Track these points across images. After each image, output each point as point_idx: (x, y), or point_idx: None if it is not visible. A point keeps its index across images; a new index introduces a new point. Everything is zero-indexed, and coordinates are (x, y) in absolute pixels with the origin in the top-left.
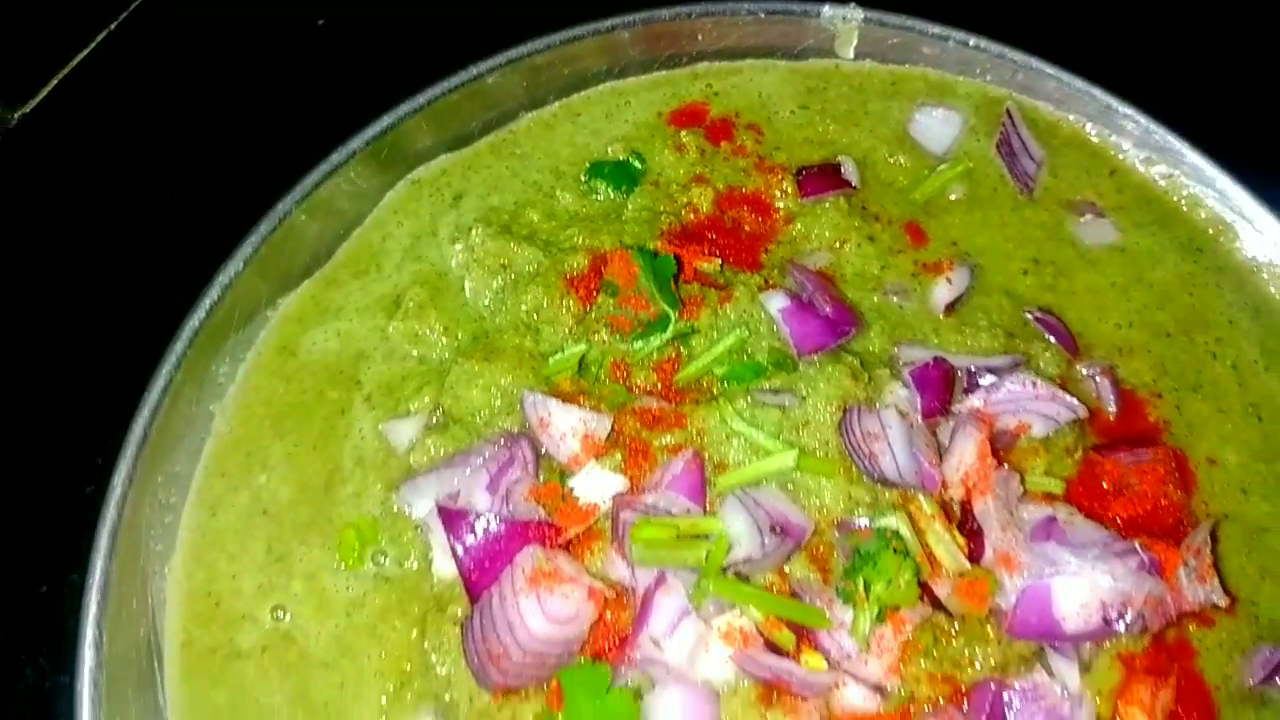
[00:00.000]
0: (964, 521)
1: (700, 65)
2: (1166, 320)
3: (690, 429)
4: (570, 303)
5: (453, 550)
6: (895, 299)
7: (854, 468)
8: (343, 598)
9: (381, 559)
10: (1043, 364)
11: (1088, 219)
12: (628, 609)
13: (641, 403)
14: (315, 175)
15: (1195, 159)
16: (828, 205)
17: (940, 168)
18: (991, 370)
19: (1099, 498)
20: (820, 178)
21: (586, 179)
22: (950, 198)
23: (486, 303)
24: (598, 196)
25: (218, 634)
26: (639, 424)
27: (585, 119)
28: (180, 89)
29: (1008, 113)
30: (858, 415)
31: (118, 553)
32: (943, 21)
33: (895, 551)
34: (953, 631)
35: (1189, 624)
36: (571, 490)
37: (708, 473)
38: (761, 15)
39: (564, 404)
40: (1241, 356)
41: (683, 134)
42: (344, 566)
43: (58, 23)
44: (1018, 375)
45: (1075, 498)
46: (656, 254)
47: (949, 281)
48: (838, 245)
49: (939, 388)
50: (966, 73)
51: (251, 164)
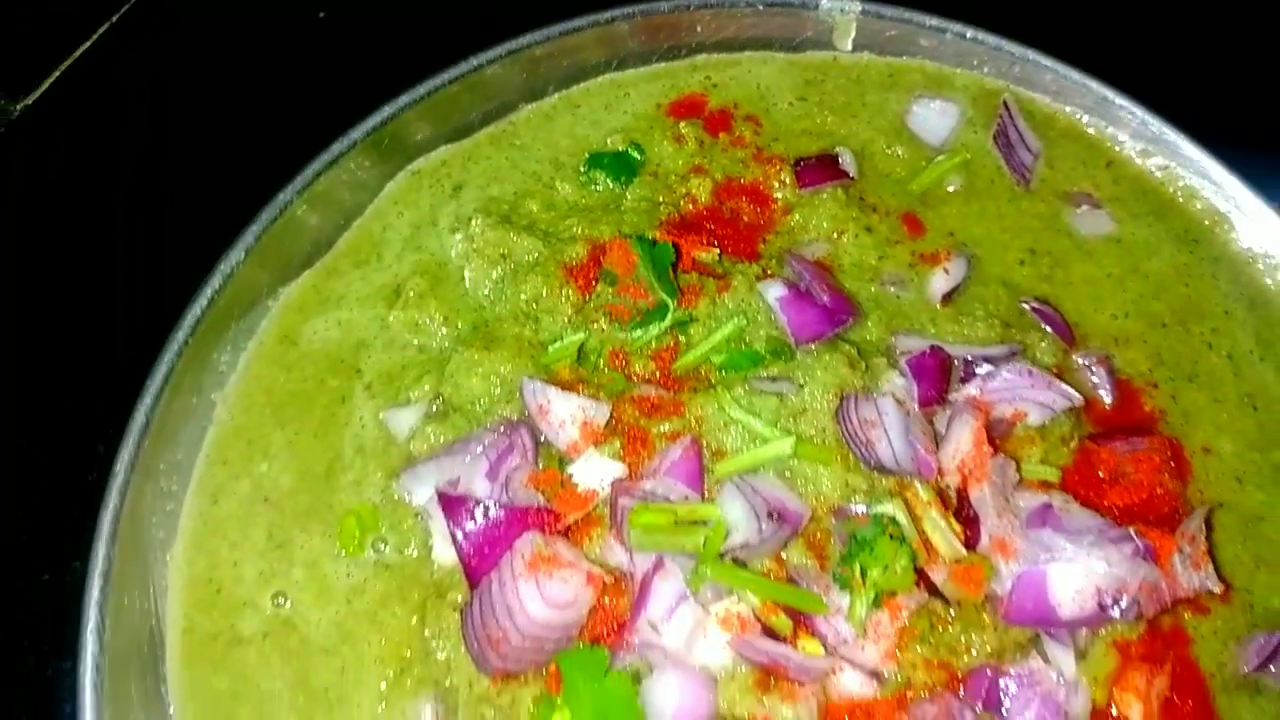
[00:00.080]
0: (960, 509)
1: (699, 57)
2: (1162, 310)
3: (688, 417)
4: (569, 292)
5: (452, 536)
6: (892, 289)
7: (851, 455)
8: (343, 584)
9: (382, 546)
10: (1039, 354)
11: (1084, 210)
12: (626, 595)
13: (640, 391)
14: (316, 165)
15: (1191, 151)
16: (825, 196)
17: (938, 159)
18: (988, 359)
19: (1095, 486)
20: (818, 169)
21: (586, 170)
22: (947, 189)
23: (486, 292)
24: (597, 187)
25: (219, 620)
26: (637, 412)
27: (584, 110)
28: (182, 80)
29: (1005, 104)
30: (855, 403)
31: (120, 540)
32: (940, 14)
33: (891, 538)
34: (949, 618)
35: (1184, 612)
36: (570, 477)
37: (706, 460)
38: (760, 7)
39: (563, 391)
40: (1237, 347)
41: (681, 125)
42: (344, 553)
43: (60, 15)
44: (1014, 364)
45: (1071, 486)
46: (655, 243)
47: (946, 272)
48: (835, 236)
49: (935, 376)
50: (964, 65)
51: (253, 155)
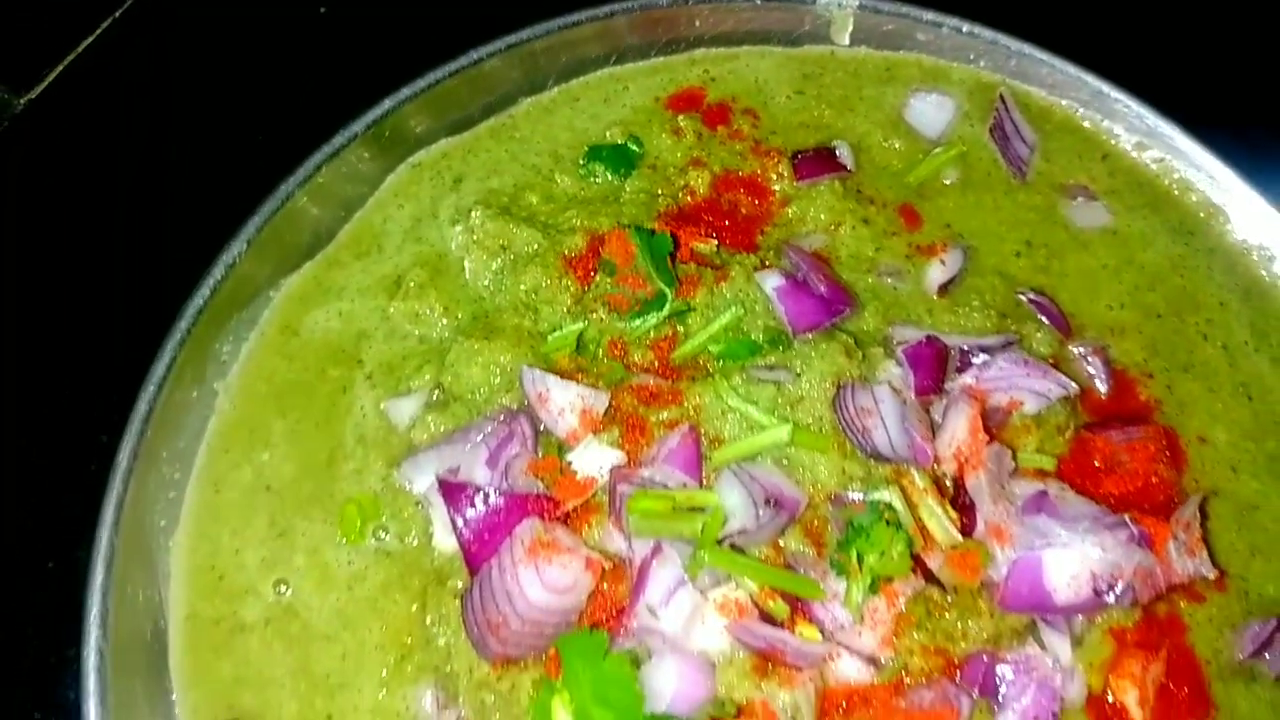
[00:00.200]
0: (956, 496)
1: (697, 51)
2: (1158, 301)
3: (686, 405)
4: (569, 282)
5: (453, 523)
6: (889, 280)
7: (847, 443)
8: (344, 572)
9: (382, 534)
10: (1035, 344)
11: (1080, 202)
12: (625, 581)
13: (639, 380)
14: (317, 158)
15: (1187, 144)
16: (823, 188)
17: (934, 152)
18: (984, 349)
19: (1090, 475)
20: (816, 161)
21: (585, 162)
22: (944, 181)
23: (486, 283)
24: (596, 179)
25: (221, 607)
26: (636, 400)
27: (584, 104)
28: (184, 74)
29: (1001, 98)
30: (851, 391)
31: (123, 527)
32: (937, 8)
33: (888, 524)
34: (945, 604)
35: (1179, 599)
36: (570, 464)
37: (704, 448)
38: (758, 2)
39: (562, 380)
40: (1232, 337)
41: (680, 118)
42: (345, 541)
43: (64, 8)
44: (1010, 353)
45: (1067, 475)
46: (653, 233)
47: (942, 263)
48: (833, 228)
49: (932, 366)
50: (960, 59)
51: (254, 147)
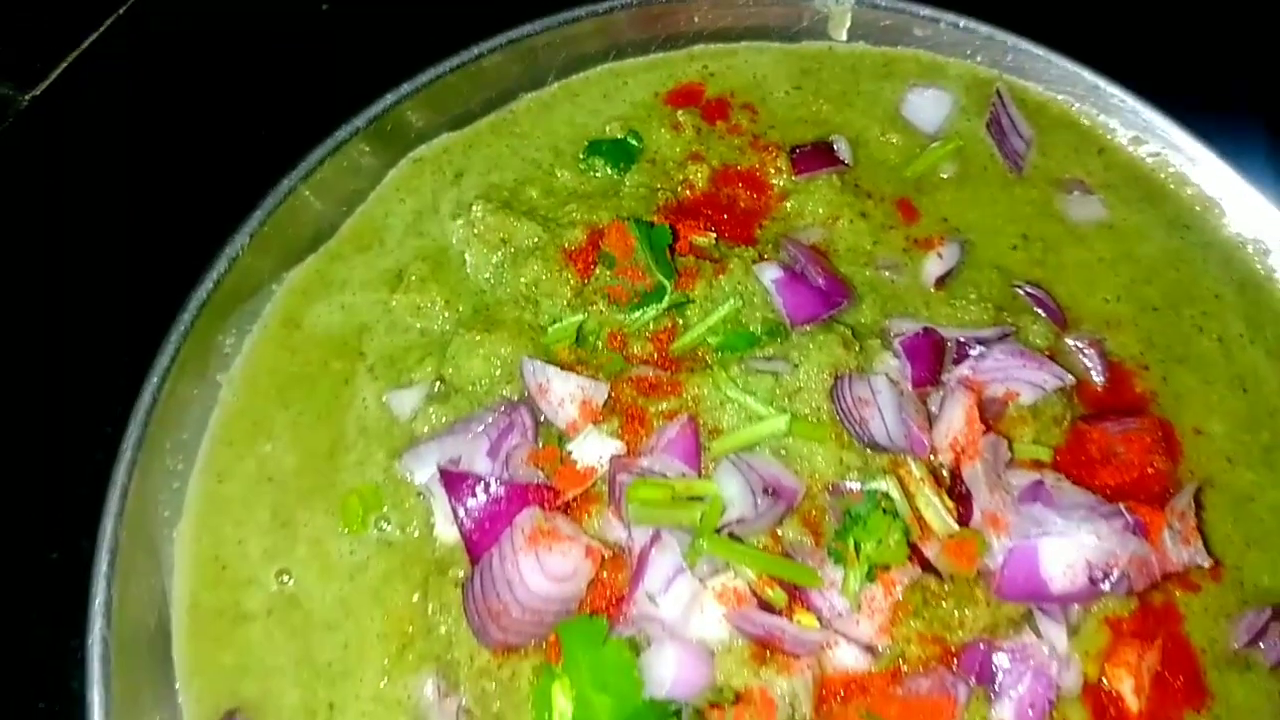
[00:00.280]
0: (953, 486)
1: (696, 47)
2: (1154, 294)
3: (685, 396)
4: (569, 275)
5: (454, 512)
6: (887, 273)
7: (845, 433)
8: (346, 562)
9: (384, 525)
10: (1031, 336)
11: (1076, 196)
12: (624, 570)
13: (638, 371)
14: (320, 152)
15: (1182, 138)
16: (821, 182)
17: (932, 146)
18: (980, 341)
19: (1086, 466)
20: (814, 156)
21: (585, 157)
22: (941, 175)
23: (487, 276)
24: (596, 174)
25: (224, 597)
26: (635, 391)
27: (583, 99)
28: (189, 71)
29: (998, 93)
30: (849, 382)
31: (126, 517)
32: (934, 4)
33: (885, 512)
34: (942, 593)
35: (1175, 589)
36: (570, 454)
37: (702, 438)
38: None
39: (562, 371)
40: (1227, 330)
41: (679, 113)
42: (347, 532)
43: (68, 6)
44: (1006, 345)
45: (1063, 466)
46: (652, 225)
47: (940, 256)
48: (831, 221)
49: (929, 357)
50: (957, 54)
51: (257, 143)
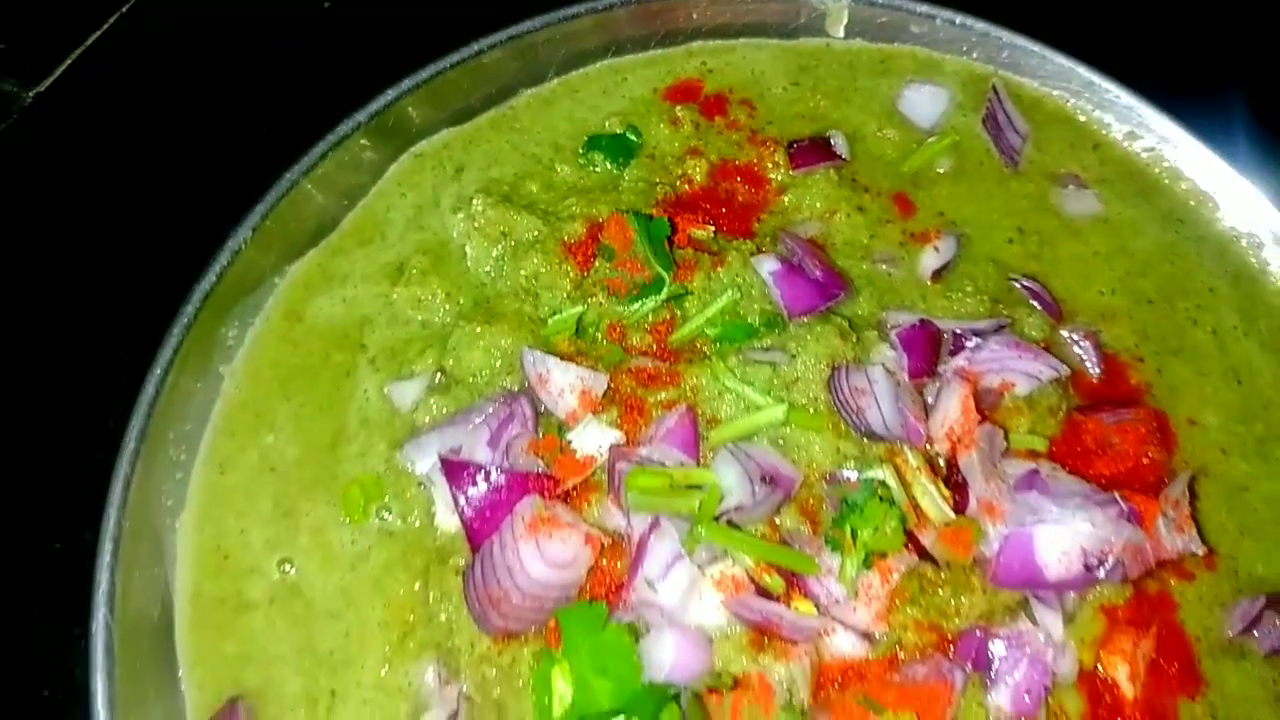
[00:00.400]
0: (949, 475)
1: (695, 44)
2: (1148, 287)
3: (684, 386)
4: (568, 268)
5: (455, 501)
6: (884, 267)
7: (842, 422)
8: (348, 551)
9: (385, 514)
10: (1027, 328)
11: (1071, 190)
12: (623, 557)
13: (637, 362)
14: (321, 147)
15: (1177, 133)
16: (818, 177)
17: (928, 141)
18: (976, 333)
19: (1082, 456)
20: (811, 150)
21: (584, 152)
22: (938, 170)
23: (487, 269)
24: (595, 169)
25: (227, 586)
26: (634, 382)
27: (583, 95)
28: (192, 67)
29: (994, 89)
30: (846, 372)
31: (130, 507)
32: (930, 1)
33: (881, 500)
34: (939, 581)
35: (1170, 578)
36: (569, 443)
37: (701, 428)
38: None
39: (562, 361)
40: (1221, 322)
41: (678, 109)
42: (349, 522)
43: (72, 3)
44: (1001, 336)
45: (1058, 456)
46: (651, 217)
47: (936, 250)
48: (828, 215)
49: (925, 349)
50: (954, 50)
51: (260, 138)
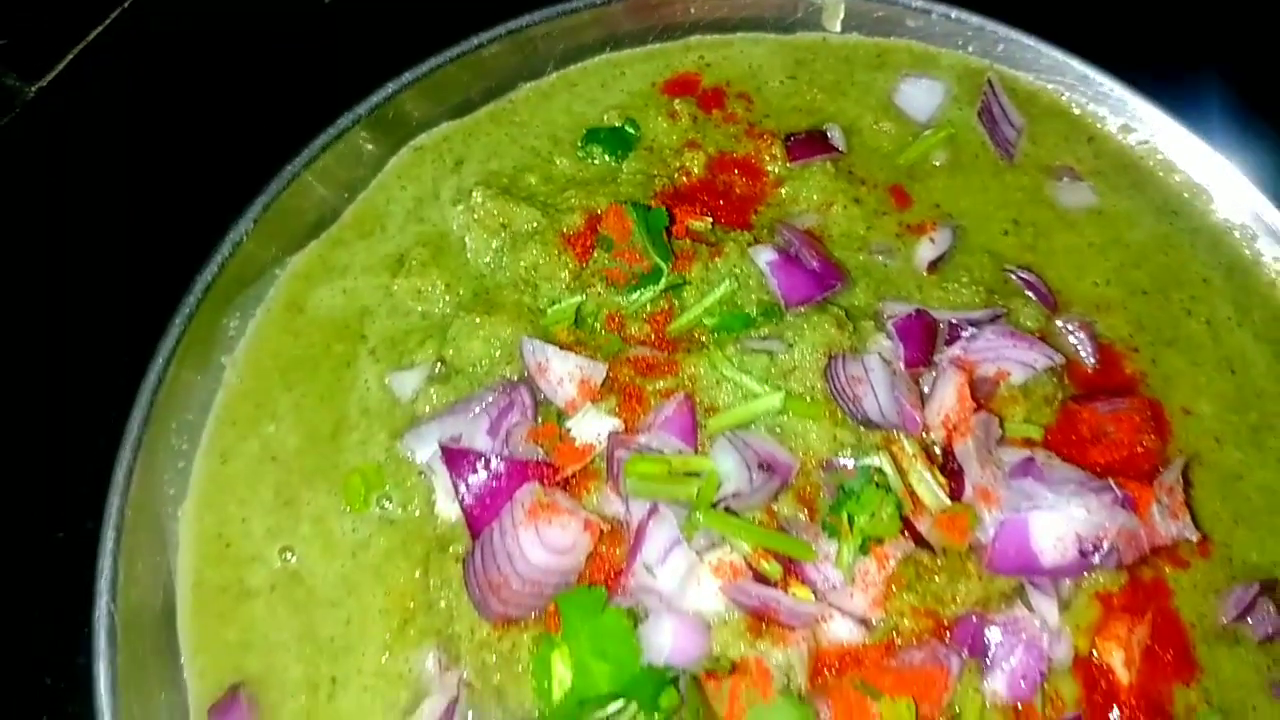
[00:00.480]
0: (945, 463)
1: (693, 38)
2: (1143, 278)
3: (682, 375)
4: (567, 259)
5: (455, 488)
6: (880, 258)
7: (839, 410)
8: (348, 540)
9: (386, 503)
10: (1022, 318)
11: (1066, 183)
12: (622, 544)
13: (635, 352)
14: (322, 140)
15: (1171, 126)
16: (815, 169)
17: (924, 134)
18: (972, 323)
19: (1077, 445)
20: (808, 143)
21: (583, 145)
22: (933, 163)
23: (487, 260)
24: (594, 161)
25: (228, 574)
26: (633, 371)
27: (582, 89)
28: (194, 62)
29: (989, 82)
30: (842, 361)
31: (132, 495)
32: None
33: (878, 486)
34: (935, 567)
35: (1165, 565)
36: (569, 431)
37: (699, 416)
38: None
39: (561, 350)
40: (1215, 313)
41: (676, 102)
42: (349, 510)
43: None
44: (997, 325)
45: (1054, 444)
46: (649, 208)
47: (932, 241)
48: (825, 207)
49: (921, 338)
50: (949, 45)
51: (261, 132)
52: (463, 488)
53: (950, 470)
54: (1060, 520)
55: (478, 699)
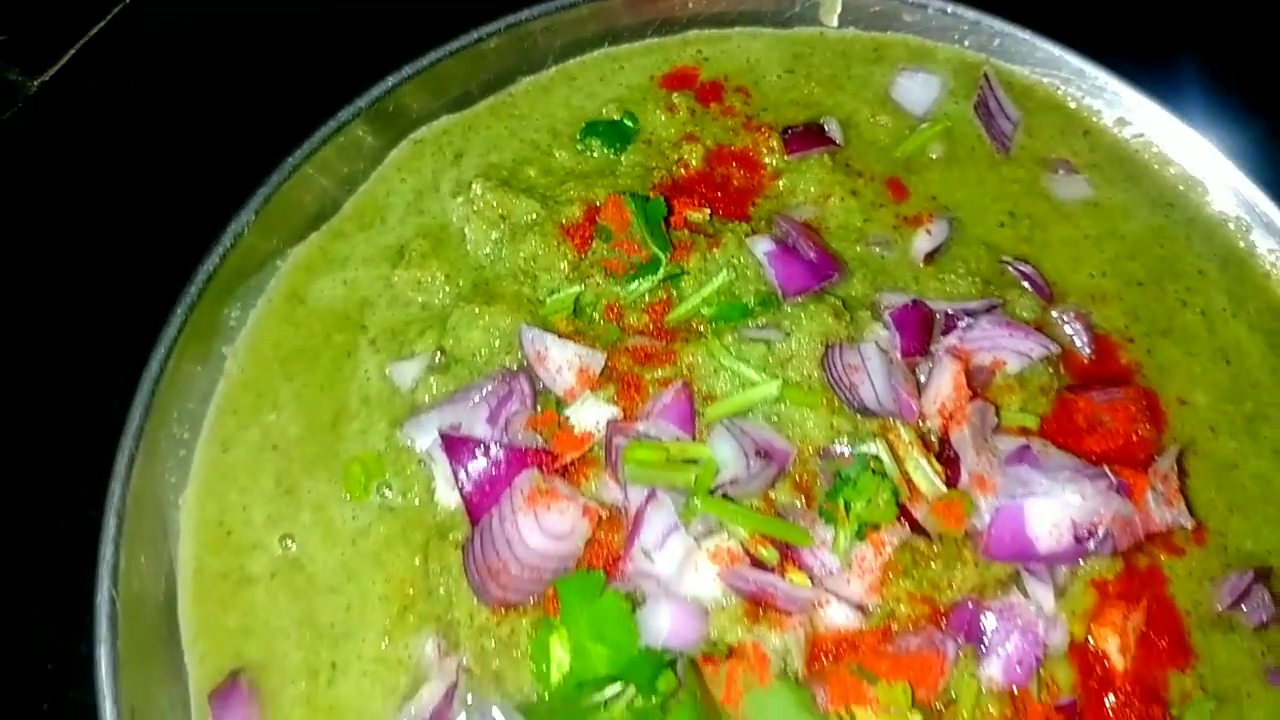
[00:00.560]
0: (941, 451)
1: (691, 32)
2: (1138, 270)
3: (680, 364)
4: (566, 250)
5: (455, 475)
6: (877, 249)
7: (836, 398)
8: (348, 527)
9: (386, 491)
10: (1019, 309)
11: (1061, 175)
12: (620, 531)
13: (634, 341)
14: (323, 132)
15: (1166, 119)
16: (812, 162)
17: (921, 128)
18: (968, 313)
19: (1072, 434)
20: (806, 136)
21: (581, 138)
22: (930, 156)
23: (486, 252)
24: (592, 154)
25: (229, 561)
26: (631, 360)
27: (580, 82)
28: (195, 55)
29: (985, 76)
30: (839, 349)
31: (133, 483)
32: None
33: (874, 473)
34: (931, 554)
35: (1160, 553)
36: (567, 419)
37: (697, 404)
38: None
39: (560, 338)
40: (1210, 304)
41: (674, 96)
42: (350, 498)
43: None
44: (993, 315)
45: (1049, 433)
46: (647, 199)
47: (928, 233)
48: (822, 199)
49: (918, 328)
50: (946, 39)
51: (263, 125)
52: (462, 475)
53: (946, 458)
54: (1055, 506)
55: (476, 684)
